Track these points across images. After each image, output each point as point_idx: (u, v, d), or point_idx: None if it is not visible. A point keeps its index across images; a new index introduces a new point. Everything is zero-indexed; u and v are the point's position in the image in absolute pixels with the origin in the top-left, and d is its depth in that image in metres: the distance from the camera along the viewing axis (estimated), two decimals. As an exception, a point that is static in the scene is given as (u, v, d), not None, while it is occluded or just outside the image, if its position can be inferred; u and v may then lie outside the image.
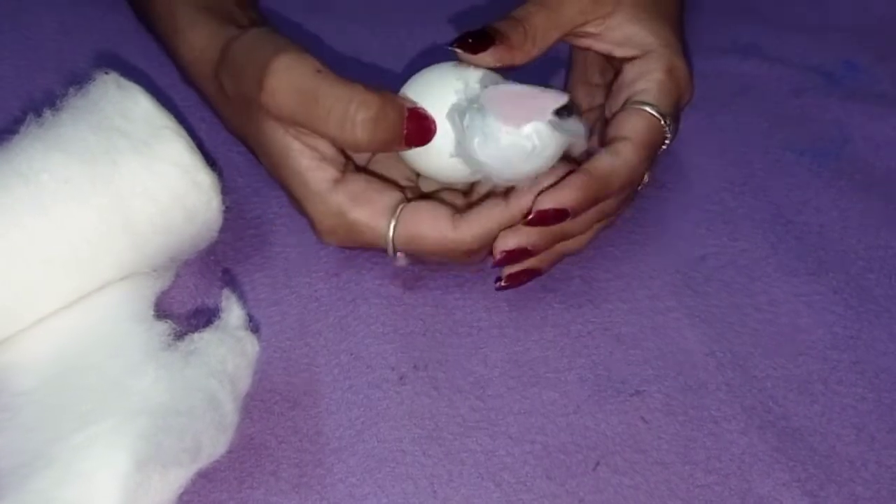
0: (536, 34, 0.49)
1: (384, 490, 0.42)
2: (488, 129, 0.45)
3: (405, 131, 0.46)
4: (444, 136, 0.47)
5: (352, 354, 0.47)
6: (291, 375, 0.46)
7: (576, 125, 0.47)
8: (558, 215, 0.47)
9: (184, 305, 0.48)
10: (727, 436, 0.45)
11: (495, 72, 0.48)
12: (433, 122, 0.47)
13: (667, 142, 0.51)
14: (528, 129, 0.45)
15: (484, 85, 0.47)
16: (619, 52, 0.52)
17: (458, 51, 0.48)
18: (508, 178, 0.46)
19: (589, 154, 0.49)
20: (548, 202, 0.46)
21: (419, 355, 0.47)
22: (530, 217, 0.47)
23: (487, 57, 0.48)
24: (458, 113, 0.46)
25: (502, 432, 0.45)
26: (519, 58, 0.48)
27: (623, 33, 0.52)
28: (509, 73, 0.49)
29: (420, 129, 0.46)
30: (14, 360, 0.42)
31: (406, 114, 0.46)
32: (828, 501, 0.43)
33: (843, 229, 0.56)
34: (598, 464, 0.44)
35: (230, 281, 0.50)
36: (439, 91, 0.47)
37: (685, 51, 0.53)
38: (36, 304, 0.43)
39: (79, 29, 0.62)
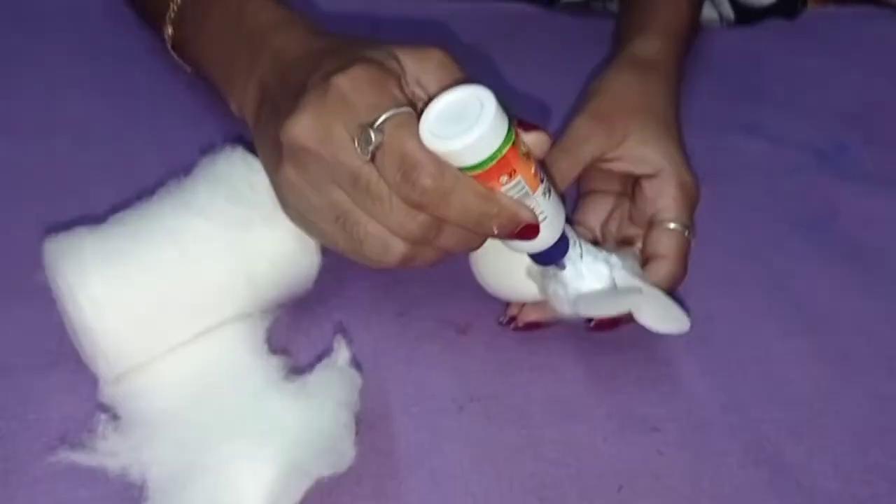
0: (562, 176, 0.56)
1: (448, 503, 0.48)
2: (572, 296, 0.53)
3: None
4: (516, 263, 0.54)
5: (417, 386, 0.53)
6: (367, 402, 0.51)
7: (633, 265, 0.55)
8: (615, 323, 0.55)
9: (286, 342, 0.54)
10: (728, 469, 0.51)
11: None
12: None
13: (693, 245, 0.57)
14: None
15: None
16: (637, 170, 0.58)
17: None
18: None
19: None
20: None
21: (474, 390, 0.54)
22: (592, 325, 0.55)
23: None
24: (537, 277, 0.54)
25: (543, 457, 0.51)
26: None
27: (637, 154, 0.58)
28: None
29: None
30: (153, 381, 0.48)
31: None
32: (810, 528, 0.49)
33: (831, 295, 0.62)
34: (621, 487, 0.50)
35: (336, 326, 0.56)
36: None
37: (688, 162, 0.59)
38: (169, 336, 0.49)
39: (216, 105, 0.65)
